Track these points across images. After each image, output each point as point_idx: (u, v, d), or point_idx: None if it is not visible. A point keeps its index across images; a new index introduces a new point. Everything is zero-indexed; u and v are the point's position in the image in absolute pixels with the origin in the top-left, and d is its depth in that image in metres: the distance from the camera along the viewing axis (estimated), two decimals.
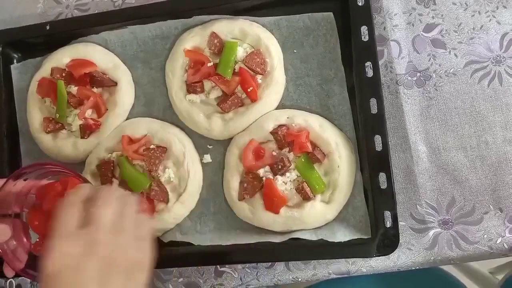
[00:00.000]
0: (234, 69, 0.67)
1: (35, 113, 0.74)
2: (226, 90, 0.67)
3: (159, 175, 0.68)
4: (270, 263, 0.67)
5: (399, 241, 0.60)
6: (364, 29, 0.64)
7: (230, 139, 0.68)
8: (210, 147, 0.70)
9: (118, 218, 0.48)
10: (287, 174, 0.65)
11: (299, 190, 0.64)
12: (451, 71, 0.66)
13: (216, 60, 0.68)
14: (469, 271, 1.07)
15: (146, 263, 0.48)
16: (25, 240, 0.64)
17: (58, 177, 0.64)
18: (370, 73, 0.63)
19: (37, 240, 0.65)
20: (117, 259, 0.45)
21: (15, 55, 0.77)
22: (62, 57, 0.73)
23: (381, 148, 0.62)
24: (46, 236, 0.62)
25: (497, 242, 0.62)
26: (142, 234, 0.50)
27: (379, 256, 0.62)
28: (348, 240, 0.62)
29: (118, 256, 0.46)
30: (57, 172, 0.63)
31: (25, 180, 0.62)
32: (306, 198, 0.64)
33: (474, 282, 1.06)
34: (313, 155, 0.64)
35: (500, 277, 0.99)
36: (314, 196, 0.64)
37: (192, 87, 0.68)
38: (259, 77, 0.67)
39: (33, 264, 0.63)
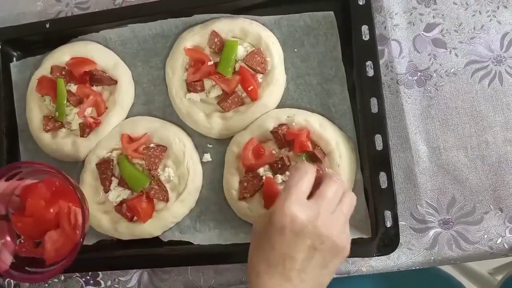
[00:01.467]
0: (235, 68, 0.67)
1: (34, 111, 0.73)
2: (226, 89, 0.67)
3: (159, 174, 0.68)
4: None
5: (399, 241, 0.60)
6: (364, 28, 0.64)
7: (230, 138, 0.68)
8: (210, 146, 0.70)
9: (337, 199, 0.53)
10: (287, 173, 0.65)
11: None
12: (451, 70, 0.66)
13: (217, 59, 0.68)
14: (469, 271, 1.07)
15: (347, 250, 0.53)
16: (10, 241, 0.64)
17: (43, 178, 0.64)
18: (370, 72, 0.63)
19: (22, 241, 0.65)
20: (328, 238, 0.50)
21: (15, 53, 0.77)
22: (62, 55, 0.73)
23: (381, 148, 0.62)
24: (31, 237, 0.62)
25: (497, 242, 0.62)
26: (347, 230, 0.54)
27: (379, 255, 0.62)
28: None
29: (331, 235, 0.51)
30: (45, 172, 0.63)
31: (7, 180, 0.62)
32: None
33: (474, 283, 1.06)
34: (313, 154, 0.64)
35: (499, 277, 0.99)
36: None
37: (192, 86, 0.68)
38: (259, 76, 0.67)
39: (19, 265, 0.63)
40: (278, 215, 0.50)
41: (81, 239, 0.61)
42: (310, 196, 0.53)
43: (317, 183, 0.54)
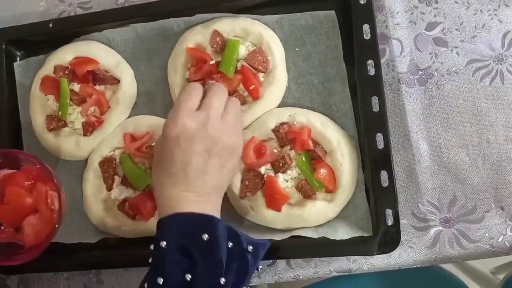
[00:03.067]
0: (236, 67, 0.67)
1: (37, 110, 0.74)
2: (228, 88, 0.67)
3: None
4: (271, 261, 0.67)
5: (400, 239, 0.60)
6: (366, 27, 0.64)
7: None
8: None
9: (223, 109, 0.59)
10: (289, 172, 0.65)
11: (299, 188, 0.64)
12: (453, 69, 0.66)
13: (218, 58, 0.68)
14: (470, 270, 1.07)
15: (240, 149, 0.61)
16: None
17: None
18: (372, 71, 0.63)
19: (2, 228, 0.68)
20: (220, 140, 0.56)
21: (18, 53, 0.78)
22: (65, 55, 0.73)
23: (382, 146, 0.62)
24: (11, 224, 0.67)
25: (499, 240, 0.62)
26: (239, 126, 0.62)
27: (380, 254, 0.62)
28: (350, 238, 0.62)
29: (222, 138, 0.57)
30: (23, 159, 0.68)
31: None
32: (306, 196, 0.64)
33: (475, 282, 1.06)
34: (314, 152, 0.64)
35: (501, 277, 0.99)
36: (315, 193, 0.64)
37: None
38: (261, 75, 0.68)
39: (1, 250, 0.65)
40: (171, 127, 0.56)
41: (58, 224, 0.65)
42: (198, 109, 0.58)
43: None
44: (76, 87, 0.72)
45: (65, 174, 0.74)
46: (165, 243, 0.53)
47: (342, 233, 0.62)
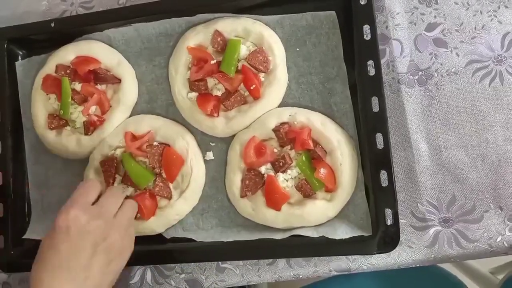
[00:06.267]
0: (237, 67, 0.68)
1: (39, 109, 0.74)
2: (229, 88, 0.68)
3: (162, 172, 0.68)
4: (271, 260, 0.67)
5: (399, 239, 0.61)
6: (366, 28, 0.64)
7: (233, 136, 0.69)
8: (213, 144, 0.70)
9: (117, 209, 0.60)
10: (289, 171, 0.65)
11: (299, 187, 0.64)
12: (452, 70, 0.66)
13: (219, 58, 0.68)
14: (470, 270, 1.07)
15: (128, 254, 0.61)
16: None
17: None
18: (372, 71, 0.64)
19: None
20: (109, 237, 0.57)
21: (20, 52, 0.78)
22: (67, 54, 0.74)
23: (382, 146, 0.62)
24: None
25: (497, 240, 0.63)
26: (132, 230, 0.62)
27: (379, 253, 0.62)
28: (349, 238, 0.62)
29: (112, 235, 0.57)
30: None
31: None
32: (306, 195, 0.64)
33: (475, 282, 1.06)
34: (314, 152, 0.64)
35: (500, 277, 0.99)
36: (315, 193, 0.64)
37: (195, 85, 0.69)
38: (261, 75, 0.68)
39: None
40: (62, 217, 0.56)
41: None
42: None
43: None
44: (78, 86, 0.72)
45: (66, 172, 0.74)
46: None
47: (342, 232, 0.63)
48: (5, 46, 0.76)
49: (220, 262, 0.69)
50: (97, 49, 0.73)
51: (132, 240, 0.62)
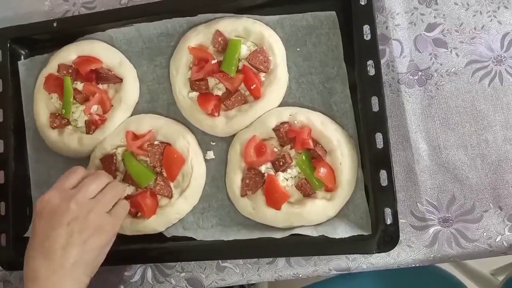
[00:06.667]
0: (238, 66, 0.68)
1: (41, 108, 0.75)
2: (229, 88, 0.68)
3: (163, 171, 0.69)
4: (271, 259, 0.68)
5: (399, 238, 0.61)
6: (366, 28, 0.64)
7: (233, 136, 0.69)
8: (213, 143, 0.71)
9: (98, 190, 0.61)
10: (289, 170, 0.65)
11: (299, 186, 0.65)
12: (452, 70, 0.66)
13: (220, 58, 0.69)
14: (470, 271, 1.07)
15: (108, 232, 0.60)
16: None
17: None
18: (372, 71, 0.64)
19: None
20: (81, 216, 0.57)
21: (23, 52, 0.79)
22: (69, 53, 0.74)
23: (382, 146, 0.62)
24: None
25: (497, 240, 0.63)
26: (119, 209, 0.62)
27: (379, 252, 0.63)
28: (349, 237, 0.62)
29: (85, 215, 0.58)
30: None
31: None
32: (306, 194, 0.65)
33: (475, 283, 1.06)
34: (314, 151, 0.64)
35: (501, 278, 0.99)
36: (314, 192, 0.65)
37: (196, 84, 0.69)
38: (262, 74, 0.68)
39: None
40: (39, 201, 0.59)
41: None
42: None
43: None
44: (80, 85, 0.73)
45: None
46: None
47: (342, 231, 0.63)
48: (8, 45, 0.77)
49: (220, 261, 0.69)
50: (99, 49, 0.73)
51: (117, 220, 0.61)
